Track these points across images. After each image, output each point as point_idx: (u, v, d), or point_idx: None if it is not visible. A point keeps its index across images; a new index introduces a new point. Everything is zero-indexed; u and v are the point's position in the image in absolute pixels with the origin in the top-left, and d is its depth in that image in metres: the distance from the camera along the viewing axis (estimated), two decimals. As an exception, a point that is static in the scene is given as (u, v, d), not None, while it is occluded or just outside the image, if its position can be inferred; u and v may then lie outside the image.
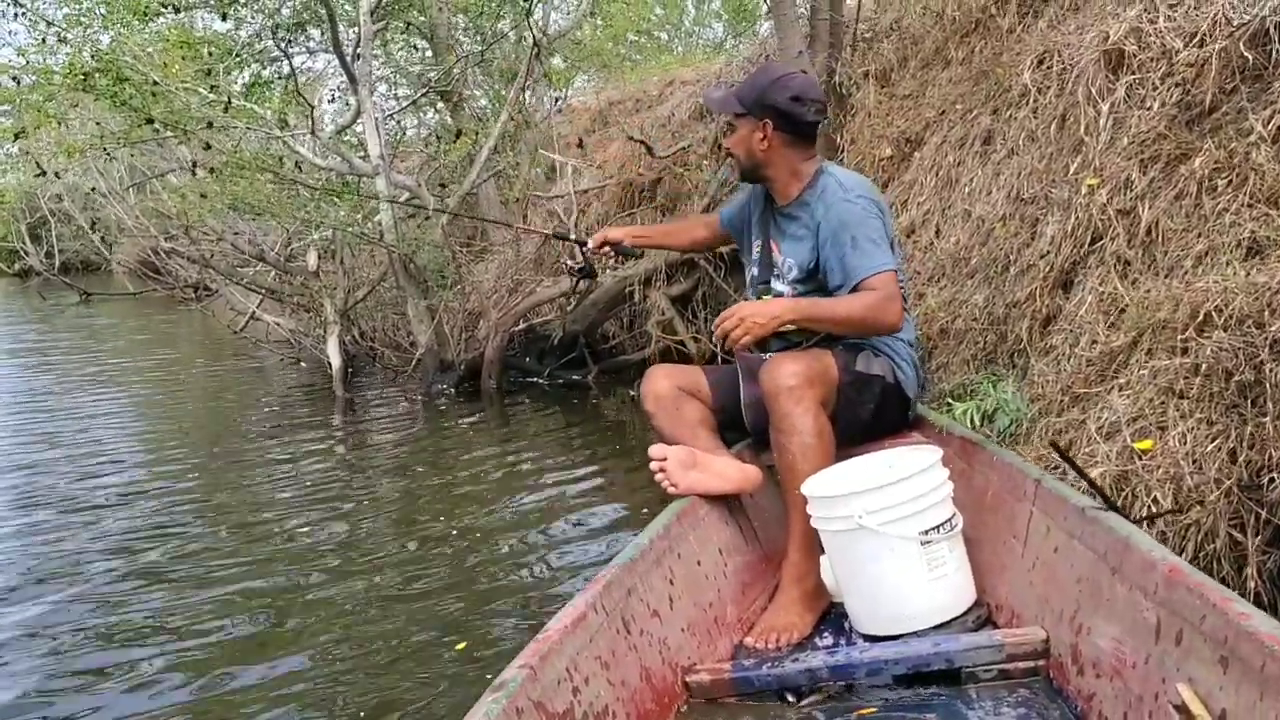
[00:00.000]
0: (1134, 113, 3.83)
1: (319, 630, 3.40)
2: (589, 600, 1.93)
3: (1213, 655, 1.48)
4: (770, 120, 2.74)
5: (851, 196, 2.67)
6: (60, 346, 13.10)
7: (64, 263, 17.18)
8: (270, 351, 9.92)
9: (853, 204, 2.66)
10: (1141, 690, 1.65)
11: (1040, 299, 3.84)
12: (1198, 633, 1.52)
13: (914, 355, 2.81)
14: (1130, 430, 2.90)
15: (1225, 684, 1.44)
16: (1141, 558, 1.74)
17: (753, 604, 2.56)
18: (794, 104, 2.72)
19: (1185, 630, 1.56)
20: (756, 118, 2.76)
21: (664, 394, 2.77)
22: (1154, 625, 1.65)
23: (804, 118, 2.74)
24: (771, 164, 2.79)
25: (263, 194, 8.12)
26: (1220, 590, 1.53)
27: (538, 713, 1.62)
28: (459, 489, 5.17)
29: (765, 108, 2.74)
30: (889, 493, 2.23)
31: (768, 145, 2.77)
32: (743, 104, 2.79)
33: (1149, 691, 1.63)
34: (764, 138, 2.76)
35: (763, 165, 2.81)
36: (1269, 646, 1.35)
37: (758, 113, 2.76)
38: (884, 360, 2.70)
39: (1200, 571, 1.63)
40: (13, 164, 15.48)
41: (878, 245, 2.62)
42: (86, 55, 7.71)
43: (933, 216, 5.13)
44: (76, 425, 7.47)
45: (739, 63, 8.64)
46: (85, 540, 4.54)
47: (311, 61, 11.76)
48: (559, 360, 7.90)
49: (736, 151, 2.88)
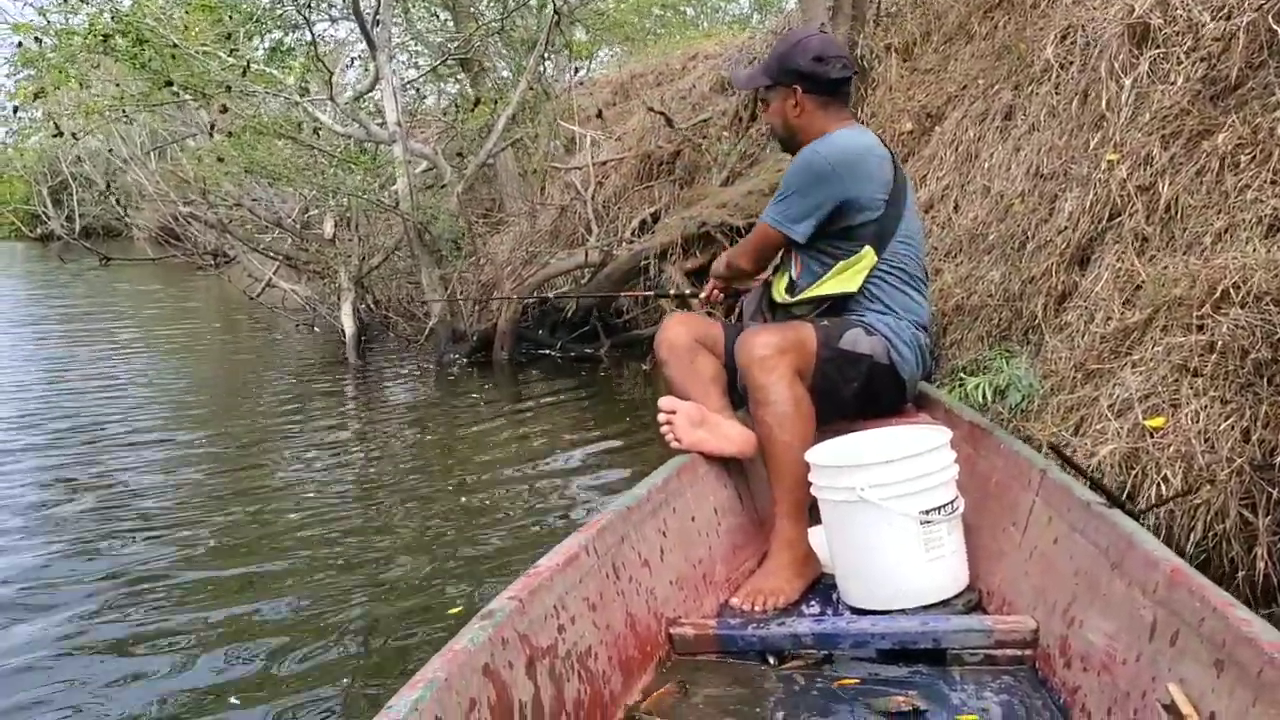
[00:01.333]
0: (1157, 88, 3.76)
1: (319, 593, 3.38)
2: (581, 542, 1.92)
3: (1208, 658, 1.45)
4: (798, 85, 2.70)
5: (810, 150, 2.66)
6: (80, 310, 13.16)
7: (85, 227, 17.26)
8: (286, 318, 9.93)
9: (803, 154, 2.67)
10: (1129, 687, 1.62)
11: (1056, 275, 3.78)
12: (1195, 634, 1.49)
13: (921, 337, 2.72)
14: (1142, 407, 2.85)
15: (1218, 687, 1.41)
16: (1144, 555, 1.70)
17: (742, 565, 2.54)
18: (817, 64, 2.68)
19: (1182, 631, 1.53)
20: (785, 85, 2.73)
21: (679, 344, 2.74)
22: (1149, 624, 1.62)
23: (829, 74, 2.69)
24: (807, 129, 2.74)
25: (279, 158, 8.10)
26: (1221, 594, 1.50)
27: (522, 645, 1.61)
28: (468, 457, 5.15)
29: (790, 73, 2.71)
30: (895, 468, 2.19)
31: (800, 110, 2.73)
32: (769, 75, 2.77)
33: (1137, 689, 1.60)
34: (795, 103, 2.72)
35: (798, 131, 2.76)
36: (1268, 653, 1.32)
37: (785, 80, 2.72)
38: (878, 340, 2.62)
39: (1201, 574, 1.60)
40: (35, 127, 15.51)
41: (780, 198, 2.68)
42: (107, 17, 7.69)
43: (952, 192, 5.07)
44: (95, 388, 7.48)
45: (763, 36, 8.58)
46: (103, 501, 4.55)
47: (334, 29, 11.74)
48: (572, 333, 7.87)
49: (774, 123, 2.85)
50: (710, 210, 7.11)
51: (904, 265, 2.68)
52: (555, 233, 8.66)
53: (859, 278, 2.64)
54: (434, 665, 1.41)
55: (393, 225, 8.85)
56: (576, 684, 1.74)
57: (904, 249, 2.68)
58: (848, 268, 2.65)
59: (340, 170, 8.13)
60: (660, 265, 7.16)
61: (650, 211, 8.11)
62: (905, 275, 2.68)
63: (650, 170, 8.46)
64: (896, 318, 2.66)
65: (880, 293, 2.66)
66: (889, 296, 2.66)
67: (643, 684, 1.96)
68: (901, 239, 2.67)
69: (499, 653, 1.54)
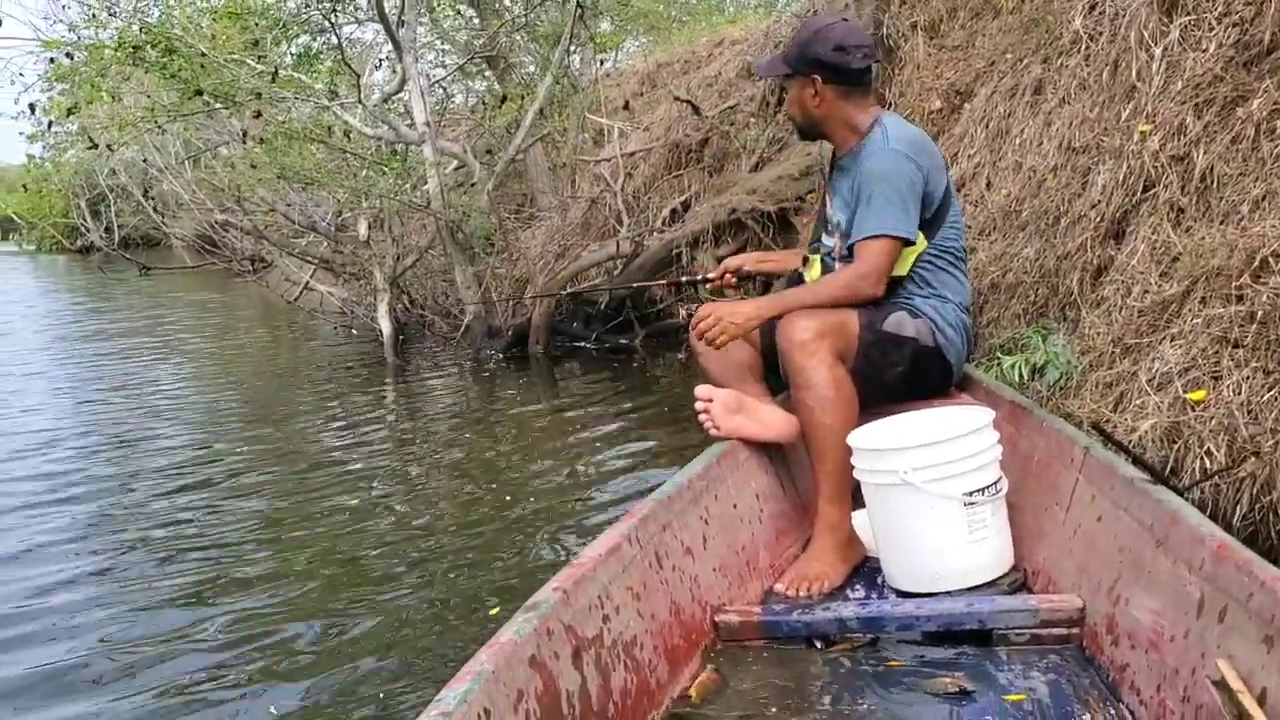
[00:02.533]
0: (1189, 55, 3.70)
1: (355, 592, 3.43)
2: (623, 532, 1.94)
3: (1257, 634, 1.43)
4: (819, 74, 2.65)
5: (890, 149, 2.57)
6: (122, 319, 13.36)
7: (124, 238, 17.46)
8: (324, 321, 10.03)
9: (887, 156, 2.57)
10: (1178, 664, 1.62)
11: (1091, 250, 3.74)
12: (1243, 610, 1.48)
13: (965, 319, 2.70)
14: (1182, 381, 2.82)
15: (1268, 663, 1.40)
16: (1189, 531, 1.69)
17: (786, 551, 2.55)
18: (838, 54, 2.63)
19: (1230, 607, 1.52)
20: (805, 75, 2.68)
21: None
22: (1197, 600, 1.61)
23: (850, 65, 2.64)
24: (827, 119, 2.71)
25: (311, 163, 8.18)
26: (1270, 569, 1.49)
27: (568, 636, 1.63)
28: (507, 452, 5.19)
29: (810, 62, 2.66)
30: (937, 450, 2.18)
31: (820, 100, 2.68)
32: (789, 64, 2.72)
33: (1186, 665, 1.59)
34: (815, 93, 2.68)
35: (819, 121, 2.73)
36: None
37: (805, 69, 2.68)
38: (923, 322, 2.59)
39: (1248, 549, 1.59)
40: (70, 141, 15.74)
41: (891, 205, 2.52)
42: (135, 28, 7.78)
43: (983, 169, 5.02)
44: (140, 393, 7.61)
45: (788, 19, 8.53)
46: (151, 499, 4.67)
47: (360, 31, 11.80)
48: (605, 325, 7.89)
49: (793, 112, 2.82)
50: (740, 197, 7.10)
51: (952, 249, 2.66)
52: (586, 225, 8.67)
53: (907, 262, 2.61)
54: (481, 658, 1.42)
55: (425, 225, 8.91)
56: (623, 673, 1.76)
57: (952, 232, 2.66)
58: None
59: (372, 172, 8.19)
60: (692, 253, 7.16)
61: (680, 200, 8.10)
62: (952, 258, 2.66)
63: (679, 159, 8.44)
64: (943, 301, 2.64)
65: (929, 275, 2.63)
66: (937, 279, 2.63)
67: (689, 672, 1.97)
68: (950, 222, 2.65)
69: (545, 644, 1.56)
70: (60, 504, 4.68)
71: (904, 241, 2.54)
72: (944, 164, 2.66)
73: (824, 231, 2.81)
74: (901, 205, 2.52)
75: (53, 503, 4.71)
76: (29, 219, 20.42)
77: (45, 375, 8.79)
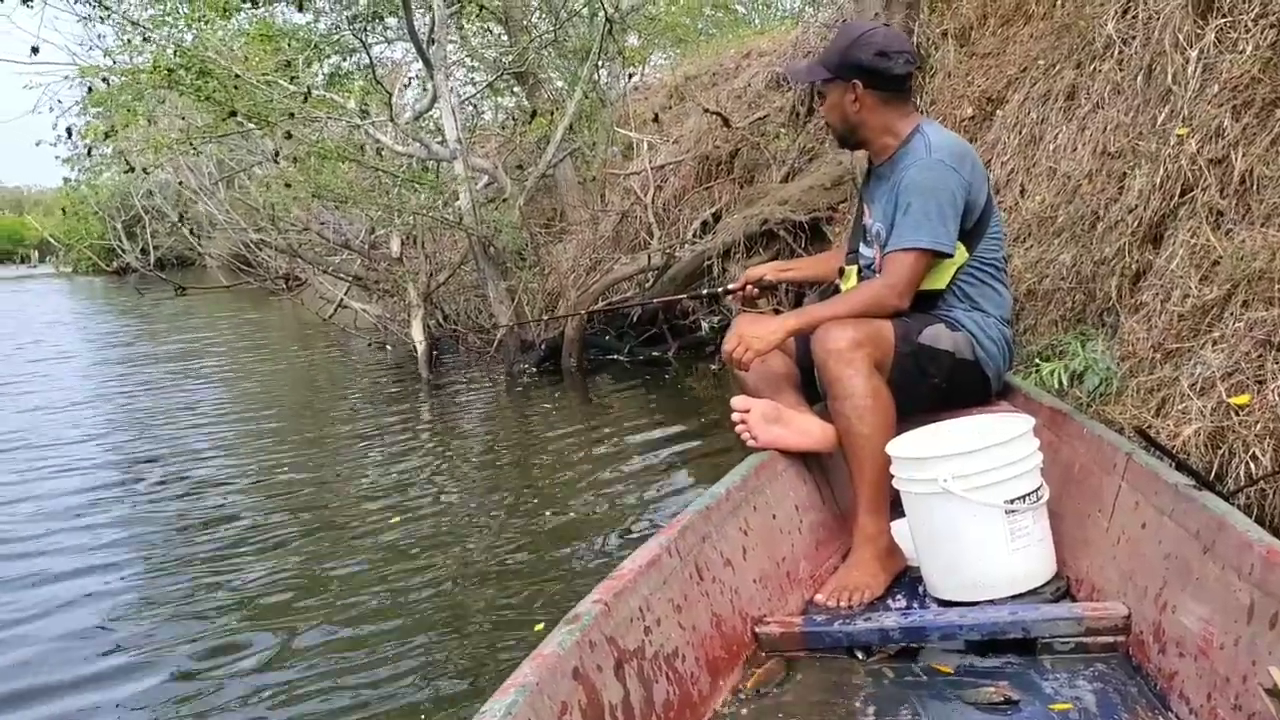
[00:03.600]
0: (1225, 57, 3.67)
1: (398, 605, 3.45)
2: (663, 543, 1.93)
3: None
4: (859, 80, 2.61)
5: (932, 159, 2.53)
6: (159, 338, 13.52)
7: (159, 259, 17.68)
8: (359, 337, 10.11)
9: (929, 166, 2.53)
10: (1228, 671, 1.59)
11: (1129, 255, 3.72)
12: None
13: (1005, 332, 2.66)
14: (1225, 385, 2.79)
15: None
16: (1237, 537, 1.66)
17: (826, 562, 2.53)
18: (880, 59, 2.59)
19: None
20: (845, 80, 2.64)
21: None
22: (1246, 607, 1.59)
23: (892, 70, 2.60)
24: (866, 125, 2.67)
25: (344, 181, 8.26)
26: None
27: (610, 648, 1.63)
28: (543, 466, 5.20)
29: (851, 67, 2.62)
30: (977, 458, 2.16)
31: (860, 106, 2.64)
32: (828, 69, 2.68)
33: (1236, 673, 1.57)
34: (855, 99, 2.64)
35: (858, 128, 2.69)
36: None
37: (845, 74, 2.64)
38: (962, 336, 2.56)
39: None
40: (106, 164, 15.99)
41: (929, 217, 2.48)
42: (170, 53, 7.90)
43: (1017, 176, 5.00)
44: (177, 410, 7.70)
45: (816, 29, 8.53)
46: (188, 512, 4.76)
47: (390, 51, 11.93)
48: (639, 337, 7.89)
49: (830, 119, 2.78)
50: (771, 207, 7.09)
51: (992, 260, 2.62)
52: (617, 238, 8.70)
53: (947, 274, 2.58)
54: (524, 670, 1.42)
55: (457, 241, 8.97)
56: (665, 685, 1.75)
57: (993, 243, 2.62)
58: (936, 264, 2.57)
59: (404, 189, 8.25)
60: (724, 265, 7.16)
61: (711, 212, 8.11)
62: (993, 270, 2.63)
63: (709, 171, 8.46)
64: (984, 314, 2.60)
65: (969, 288, 2.60)
66: (978, 292, 2.60)
67: (730, 684, 1.96)
68: (991, 233, 2.61)
69: (588, 656, 1.56)
70: (110, 520, 4.77)
71: (938, 254, 2.52)
72: (985, 173, 2.63)
73: (862, 241, 2.78)
74: (940, 217, 2.49)
75: (99, 517, 4.81)
76: (66, 241, 20.72)
77: (87, 398, 8.91)
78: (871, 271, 2.69)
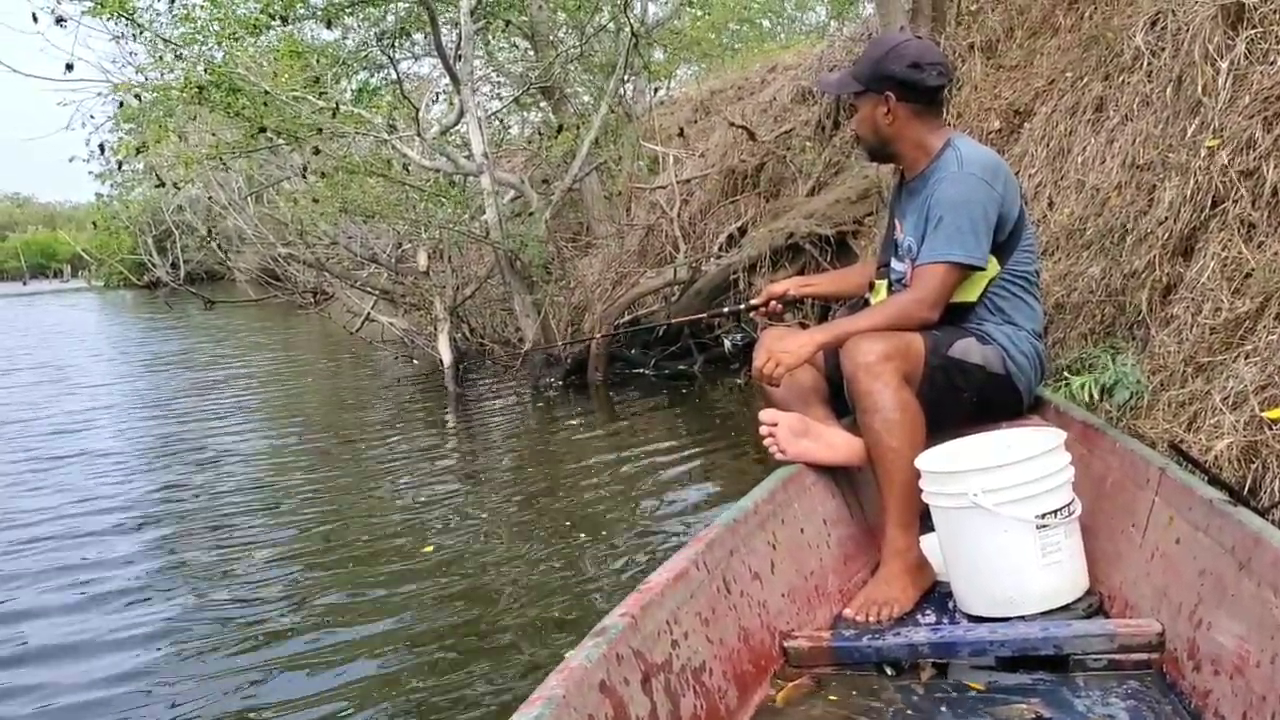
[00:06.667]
0: (1256, 69, 3.64)
1: (425, 619, 3.46)
2: (690, 557, 1.91)
3: None
4: (892, 92, 2.59)
5: (964, 173, 2.51)
6: (189, 351, 13.66)
7: (189, 273, 17.83)
8: (386, 350, 10.16)
9: (961, 180, 2.51)
10: (1265, 690, 1.56)
11: (1159, 267, 3.68)
12: None
13: (1037, 346, 2.63)
14: (1259, 399, 2.76)
15: None
16: (1274, 553, 1.64)
17: (854, 576, 2.51)
18: (913, 70, 2.57)
19: None
20: (877, 92, 2.62)
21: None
22: None
23: (926, 83, 2.58)
24: (899, 139, 2.65)
25: (372, 196, 8.31)
26: None
27: (637, 661, 1.62)
28: (570, 481, 5.20)
29: (884, 79, 2.59)
30: (1007, 473, 2.14)
31: (893, 119, 2.62)
32: (860, 81, 2.65)
33: (1274, 692, 1.54)
34: (888, 111, 2.61)
35: (890, 141, 2.67)
36: None
37: (877, 86, 2.61)
38: (993, 350, 2.54)
39: None
40: (137, 179, 16.20)
41: (961, 231, 2.47)
42: (200, 70, 7.98)
43: (1044, 189, 4.97)
44: (208, 422, 7.78)
45: (841, 43, 8.53)
46: (220, 521, 4.81)
47: (417, 66, 12.02)
48: (664, 351, 7.89)
49: (862, 132, 2.75)
50: (797, 221, 7.09)
51: (1025, 273, 2.60)
52: (643, 252, 8.72)
53: (978, 288, 2.56)
54: (551, 683, 1.42)
55: (484, 255, 9.01)
56: (692, 699, 1.74)
57: (1025, 256, 2.60)
58: (967, 277, 2.55)
59: (431, 204, 8.30)
60: (750, 279, 7.15)
61: (737, 226, 8.11)
62: (1025, 283, 2.61)
63: (735, 185, 8.47)
64: (1016, 328, 2.58)
65: (1002, 302, 2.58)
66: (1010, 305, 2.58)
67: (758, 698, 1.95)
68: (1024, 247, 2.59)
69: (614, 669, 1.55)
70: (140, 527, 4.84)
71: (970, 268, 2.50)
72: (1018, 186, 2.60)
73: (893, 256, 2.75)
74: (972, 231, 2.47)
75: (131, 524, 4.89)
76: (98, 256, 20.96)
77: (113, 405, 9.04)
78: (902, 286, 2.67)
